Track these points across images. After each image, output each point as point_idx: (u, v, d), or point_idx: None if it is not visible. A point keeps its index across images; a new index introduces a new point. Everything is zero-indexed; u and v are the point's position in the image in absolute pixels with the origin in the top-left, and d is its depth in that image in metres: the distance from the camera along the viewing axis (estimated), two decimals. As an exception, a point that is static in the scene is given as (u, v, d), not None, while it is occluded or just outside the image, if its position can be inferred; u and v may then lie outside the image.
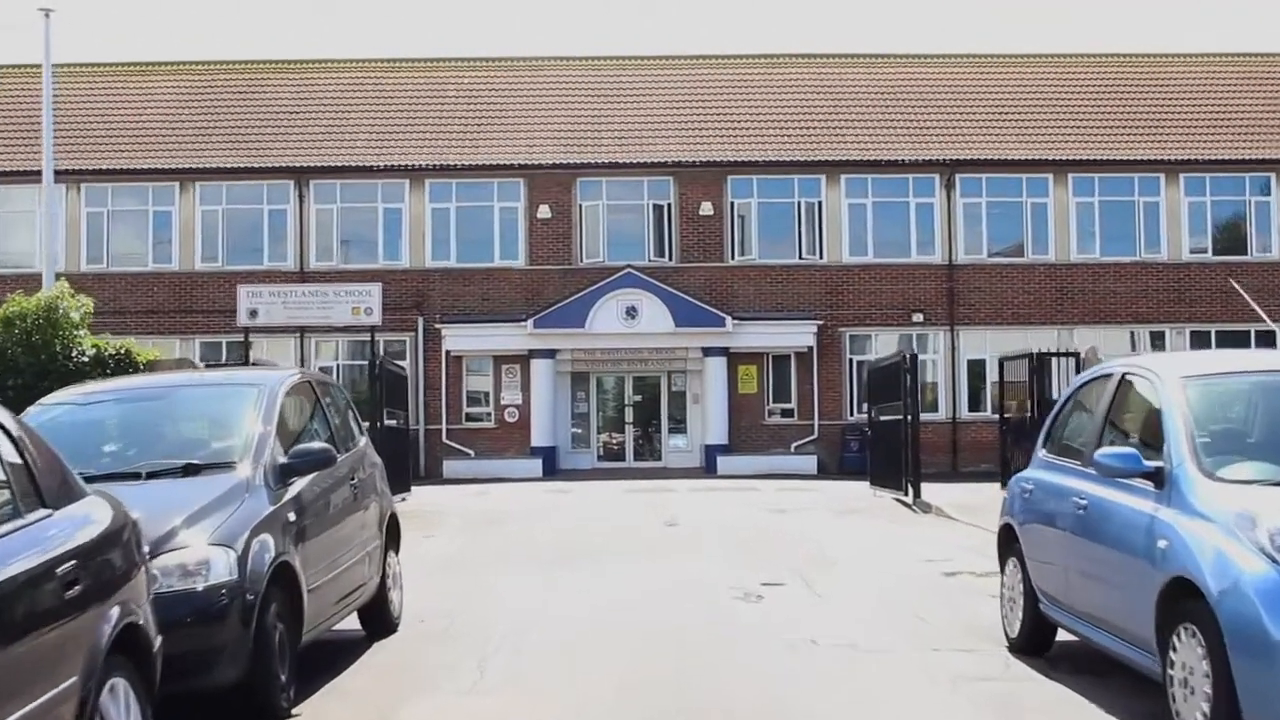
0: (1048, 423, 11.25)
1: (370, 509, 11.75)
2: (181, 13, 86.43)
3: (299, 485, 9.85)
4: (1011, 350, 31.00)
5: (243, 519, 8.88)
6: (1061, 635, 10.51)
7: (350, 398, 13.20)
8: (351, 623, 11.66)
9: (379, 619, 12.00)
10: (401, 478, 27.34)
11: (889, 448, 27.34)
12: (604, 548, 18.57)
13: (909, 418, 25.52)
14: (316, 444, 10.27)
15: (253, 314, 25.42)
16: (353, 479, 11.24)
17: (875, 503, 26.15)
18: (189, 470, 9.40)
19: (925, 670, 10.34)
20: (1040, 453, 11.09)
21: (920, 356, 37.86)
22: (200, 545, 8.47)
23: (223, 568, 8.44)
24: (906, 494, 25.46)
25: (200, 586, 8.33)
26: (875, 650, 11.10)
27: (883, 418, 28.29)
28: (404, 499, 27.20)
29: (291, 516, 9.50)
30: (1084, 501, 9.46)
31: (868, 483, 29.15)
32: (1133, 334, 38.38)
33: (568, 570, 16.20)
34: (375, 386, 24.92)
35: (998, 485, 27.38)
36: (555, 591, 14.63)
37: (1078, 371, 25.96)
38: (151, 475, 9.37)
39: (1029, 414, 25.69)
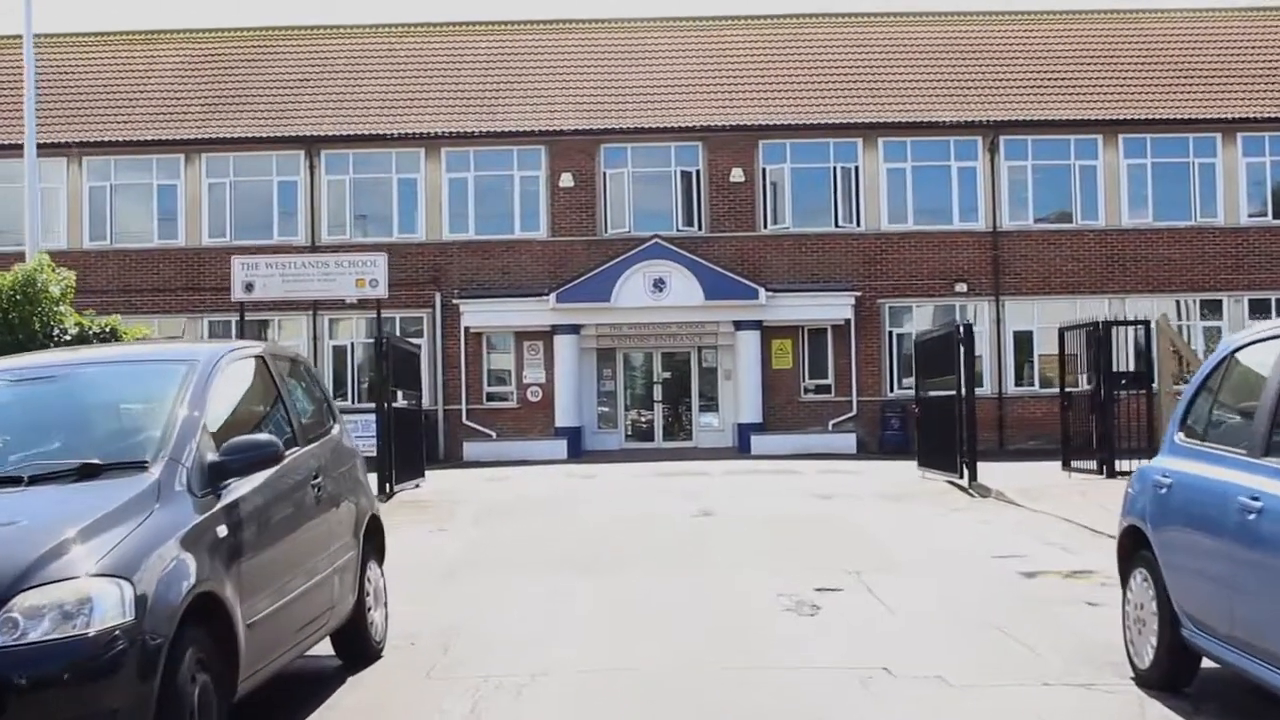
0: (1185, 400, 8.87)
1: (343, 512, 9.45)
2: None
3: (237, 489, 7.53)
4: (1062, 320, 28.60)
5: (147, 538, 6.56)
6: (1205, 664, 8.20)
7: (316, 375, 10.76)
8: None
9: (356, 646, 9.71)
10: (414, 463, 25.19)
11: (939, 426, 24.94)
12: (631, 545, 16.23)
13: (964, 394, 23.11)
14: (260, 436, 7.91)
15: (248, 287, 23.13)
16: (317, 478, 8.91)
17: (926, 486, 23.77)
18: (85, 472, 7.08)
19: (1041, 717, 8.02)
20: (1176, 437, 8.74)
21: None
22: (83, 576, 6.17)
23: (113, 605, 6.13)
24: (961, 476, 23.09)
25: (83, 632, 6.03)
26: (970, 685, 8.74)
27: (932, 393, 25.90)
28: (418, 485, 25.10)
29: (222, 530, 7.18)
30: (1257, 503, 7.10)
31: (915, 463, 26.80)
32: (1179, 302, 35.81)
33: (589, 577, 13.84)
34: (382, 365, 22.66)
35: (1056, 465, 25.20)
36: (573, 604, 12.30)
37: (1146, 342, 23.60)
38: (35, 480, 7.07)
39: (1095, 387, 23.26)
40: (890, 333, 36.14)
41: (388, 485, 22.80)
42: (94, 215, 36.40)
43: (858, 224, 36.15)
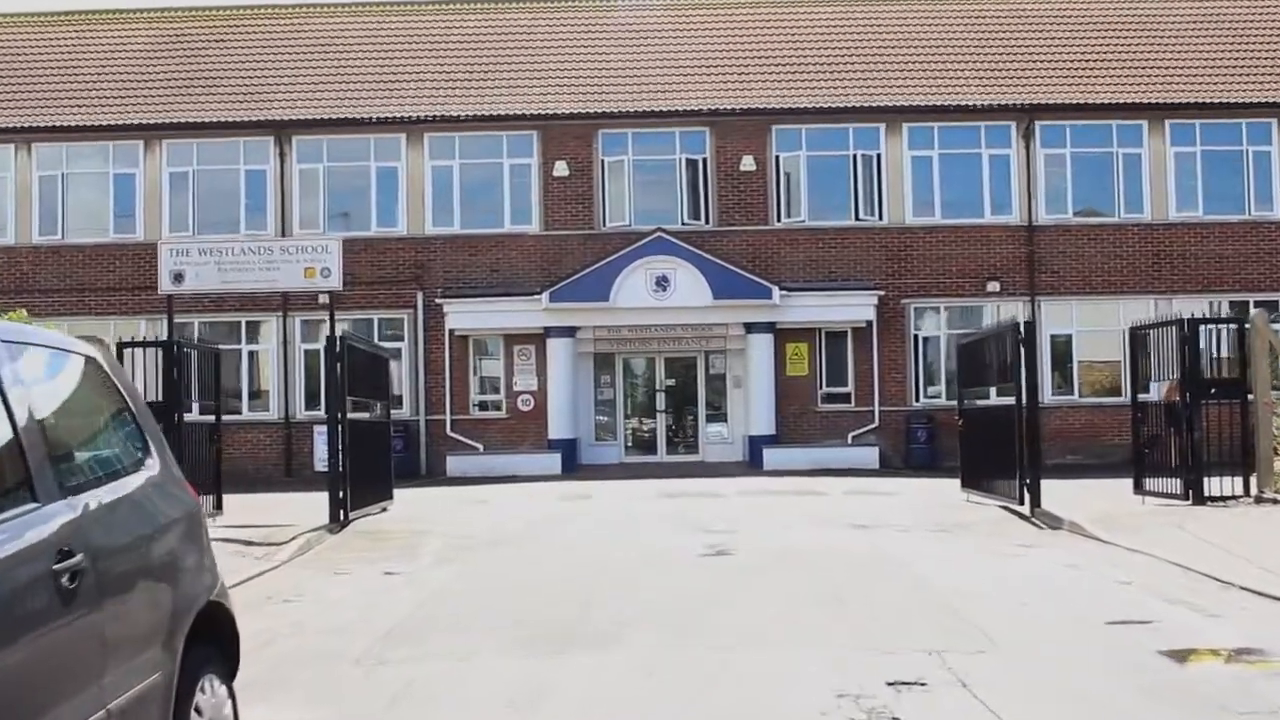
0: None
1: (137, 610, 5.49)
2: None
3: None
4: (1126, 320, 24.68)
5: None
6: None
7: (118, 382, 6.62)
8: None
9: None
10: (380, 483, 21.30)
11: (988, 442, 21.01)
12: (629, 603, 12.17)
13: (1024, 404, 19.16)
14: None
15: (177, 278, 19.14)
16: (69, 557, 4.93)
17: (979, 514, 19.78)
18: None
19: None
20: None
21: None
22: None
23: None
24: (1020, 502, 19.12)
25: None
26: None
27: (979, 403, 22.01)
28: (385, 509, 21.17)
29: None
30: None
31: (952, 482, 22.93)
32: (1231, 304, 31.78)
33: (571, 656, 9.85)
34: (334, 370, 18.70)
35: (1115, 484, 21.56)
36: (543, 715, 8.32)
37: (1241, 343, 19.64)
38: None
39: (1181, 395, 19.32)
40: (915, 336, 32.18)
41: (341, 512, 18.84)
42: (44, 207, 32.46)
43: (880, 217, 32.20)
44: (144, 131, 32.27)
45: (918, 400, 31.95)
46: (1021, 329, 19.32)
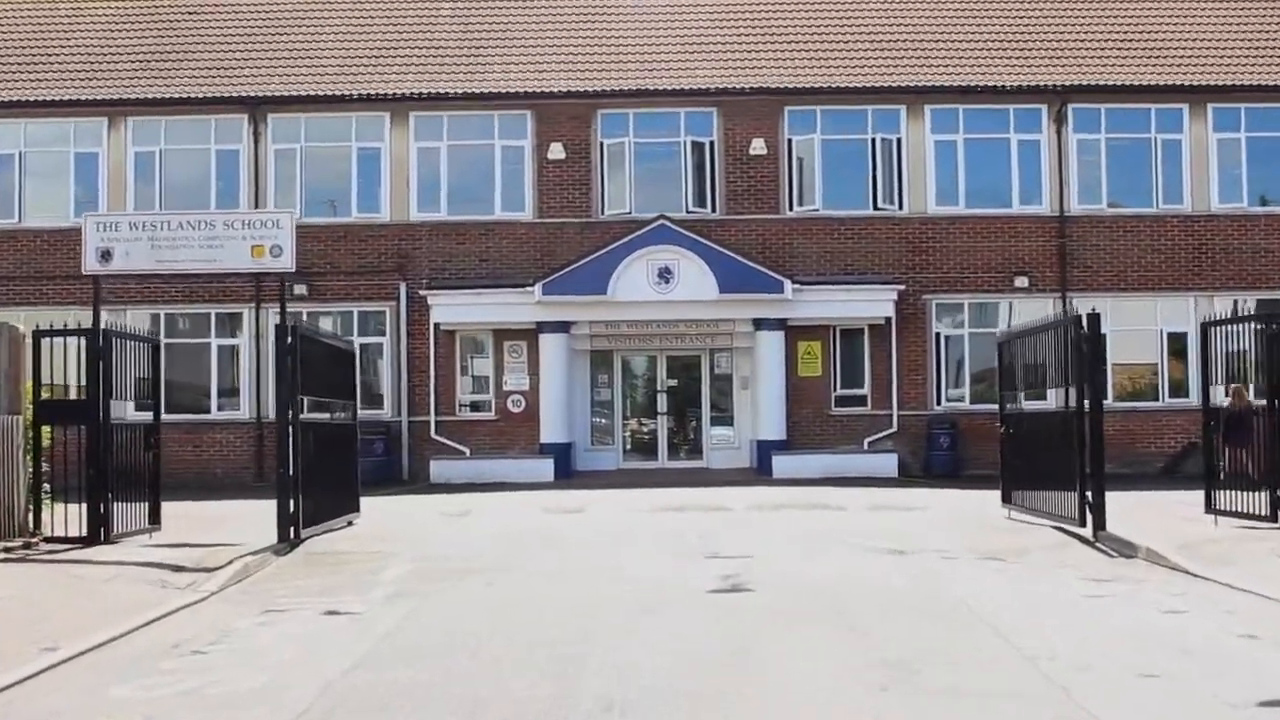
0: None
1: None
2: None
3: None
4: (1133, 321, 21.66)
5: None
6: None
7: None
8: None
9: None
10: (345, 494, 18.32)
11: (1037, 450, 18.04)
12: (621, 673, 8.95)
13: (1088, 408, 16.15)
14: None
15: (104, 256, 16.00)
16: None
17: (1028, 535, 16.74)
18: None
19: None
20: None
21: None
22: None
23: None
24: (1080, 522, 16.11)
25: None
26: None
27: (1026, 406, 19.03)
28: (350, 524, 18.19)
29: None
30: None
31: (990, 495, 19.99)
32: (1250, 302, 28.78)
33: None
34: (284, 365, 15.67)
35: (1169, 497, 18.92)
36: None
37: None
38: None
39: (1270, 401, 16.29)
40: (937, 334, 29.15)
41: (292, 530, 15.82)
42: (0, 189, 29.43)
43: (900, 206, 29.18)
44: (108, 108, 29.25)
45: (939, 404, 28.95)
46: (1085, 321, 16.29)
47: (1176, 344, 29.10)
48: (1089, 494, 16.01)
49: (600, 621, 10.85)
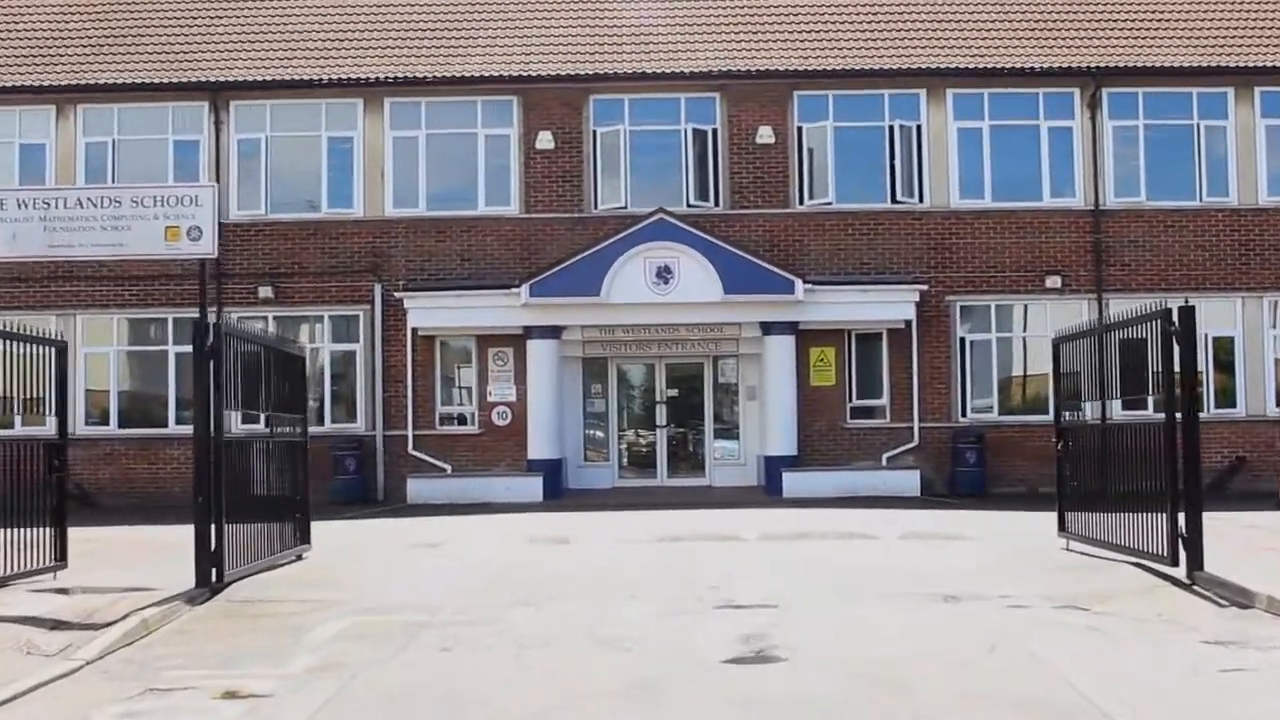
0: None
1: None
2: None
3: None
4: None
5: None
6: None
7: None
8: None
9: None
10: (289, 524, 15.23)
11: (1103, 470, 14.98)
12: None
13: (1180, 420, 13.07)
14: None
15: (-15, 239, 12.90)
16: None
17: (1104, 575, 13.61)
18: None
19: None
20: None
21: (1049, 335, 25.48)
22: None
23: None
24: (1170, 560, 12.99)
25: None
26: None
27: (1090, 419, 15.95)
28: (299, 557, 15.15)
29: None
30: None
31: (1027, 517, 17.04)
32: None
33: None
34: (202, 369, 12.55)
35: (1251, 519, 15.37)
36: None
37: None
38: None
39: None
40: (962, 339, 26.04)
41: (215, 571, 12.68)
42: (-61, 183, 26.34)
43: (920, 200, 26.09)
44: (56, 95, 26.13)
45: (964, 415, 25.85)
46: (1176, 320, 13.22)
47: (1223, 349, 26.01)
48: (1182, 525, 12.88)
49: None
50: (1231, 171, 26.11)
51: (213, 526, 12.71)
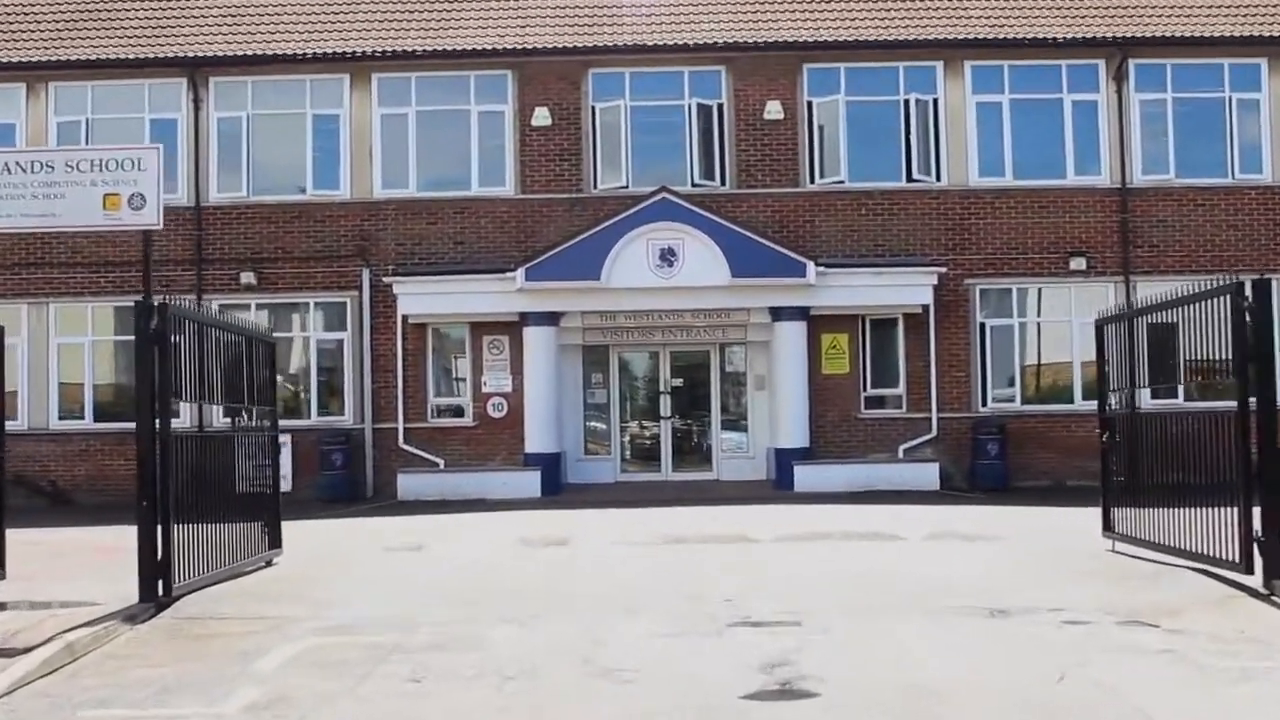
0: None
1: None
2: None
3: None
4: None
5: None
6: None
7: None
8: None
9: None
10: (254, 527, 13.64)
11: (1156, 464, 13.38)
12: None
13: (1260, 407, 11.46)
14: None
15: (-101, 210, 11.29)
16: None
17: (1164, 581, 11.98)
18: None
19: None
20: None
21: (1073, 320, 23.95)
22: None
23: None
24: (1242, 567, 11.36)
25: None
26: None
27: (1140, 406, 14.36)
28: (267, 563, 13.58)
29: None
30: None
31: (1056, 513, 15.43)
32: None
33: None
34: (145, 355, 10.93)
35: None
36: None
37: None
38: None
39: None
40: (982, 324, 24.37)
41: (160, 584, 11.06)
42: (-96, 165, 24.65)
43: (938, 178, 24.42)
44: (26, 72, 24.52)
45: (984, 405, 24.19)
46: (1249, 292, 11.60)
47: (1257, 334, 24.29)
48: (1257, 526, 11.24)
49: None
50: (1266, 147, 24.42)
51: (160, 533, 11.08)
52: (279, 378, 24.15)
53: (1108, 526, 14.48)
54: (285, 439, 23.54)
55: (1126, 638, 9.48)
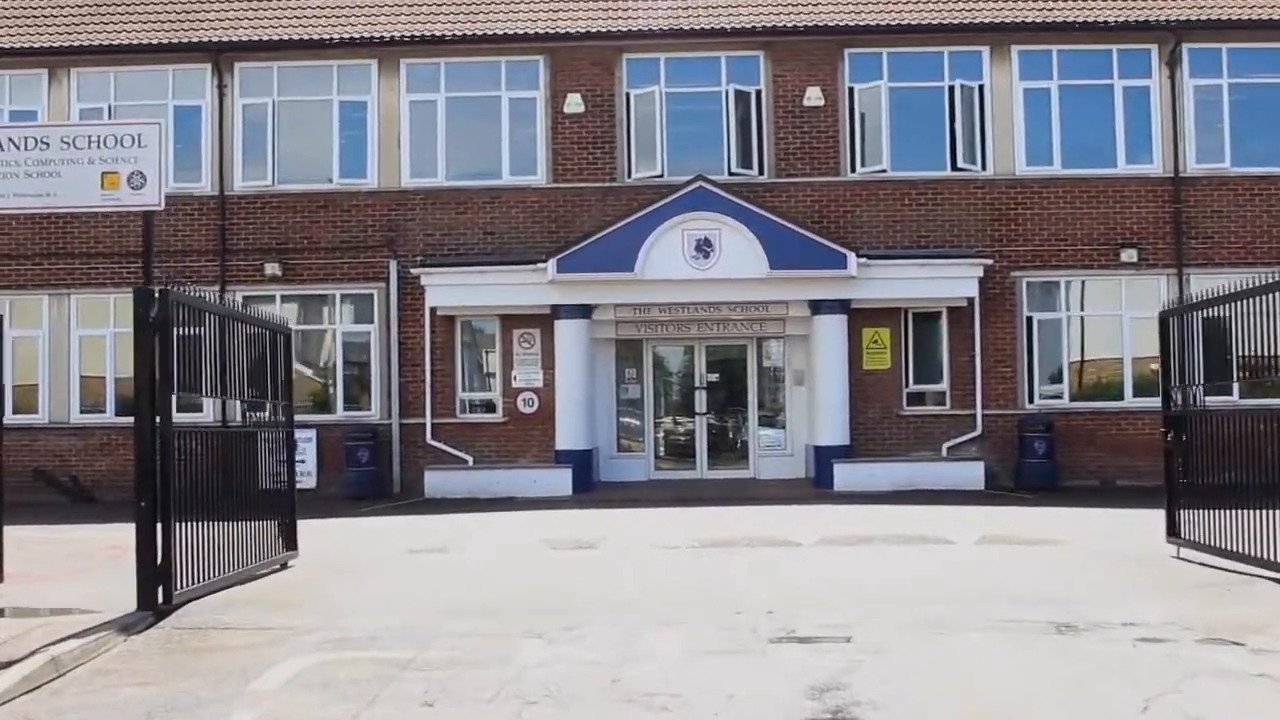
0: None
1: None
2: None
3: None
4: None
5: None
6: None
7: None
8: None
9: None
10: (269, 528, 12.87)
11: (1230, 466, 12.39)
12: None
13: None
14: None
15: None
16: None
17: (1243, 593, 11.01)
18: None
19: None
20: None
21: (1124, 314, 22.98)
22: None
23: None
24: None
25: None
26: None
27: (1213, 402, 13.43)
28: (285, 564, 12.72)
29: None
30: None
31: (1109, 514, 14.52)
32: None
33: None
34: (146, 343, 10.11)
35: None
36: None
37: None
38: None
39: None
40: (1029, 318, 23.37)
41: (161, 589, 10.24)
42: (-76, 153, 23.98)
43: (983, 167, 23.43)
44: (48, 58, 23.84)
45: (1031, 401, 23.20)
46: (1340, 278, 10.62)
47: (1317, 329, 23.20)
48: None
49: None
50: (1327, 134, 23.35)
51: (160, 534, 10.26)
52: (308, 371, 23.70)
53: (1173, 531, 13.51)
54: (310, 434, 23.03)
55: (1210, 658, 8.53)
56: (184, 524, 10.67)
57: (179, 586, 10.55)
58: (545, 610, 10.51)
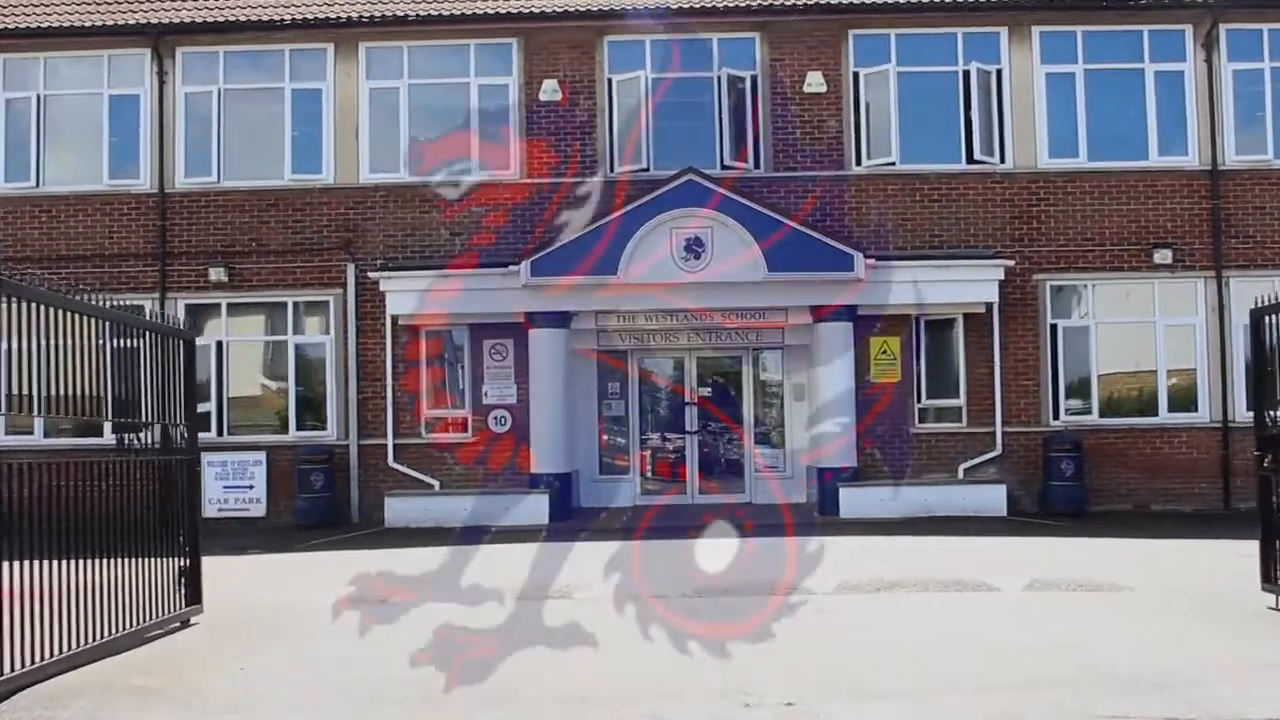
0: None
1: None
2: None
3: None
4: None
5: None
6: None
7: None
8: None
9: None
10: (161, 581, 10.08)
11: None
12: None
13: None
14: None
15: None
16: None
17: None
18: None
19: None
20: None
21: (1158, 320, 20.43)
22: None
23: None
24: None
25: None
26: None
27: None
28: (188, 623, 9.91)
29: None
30: None
31: (1211, 553, 12.01)
32: None
33: None
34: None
35: None
36: None
37: None
38: None
39: None
40: (1053, 326, 20.74)
41: (-26, 681, 7.51)
42: None
43: (1002, 159, 20.80)
44: (-29, 43, 21.16)
45: (1056, 417, 20.56)
46: None
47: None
48: None
49: None
50: (1377, 123, 20.80)
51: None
52: (272, 386, 21.02)
53: (1268, 578, 10.81)
54: (260, 457, 20.38)
55: None
56: (17, 579, 7.98)
57: (10, 668, 7.83)
58: (495, 706, 7.78)
